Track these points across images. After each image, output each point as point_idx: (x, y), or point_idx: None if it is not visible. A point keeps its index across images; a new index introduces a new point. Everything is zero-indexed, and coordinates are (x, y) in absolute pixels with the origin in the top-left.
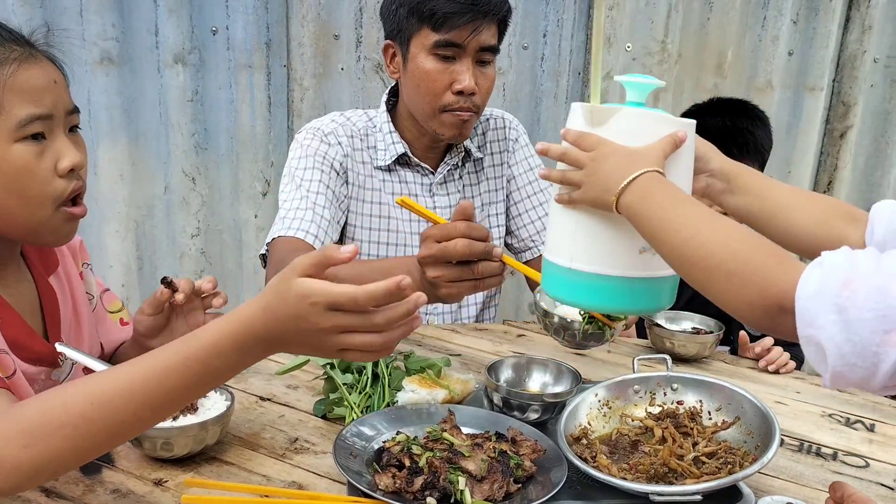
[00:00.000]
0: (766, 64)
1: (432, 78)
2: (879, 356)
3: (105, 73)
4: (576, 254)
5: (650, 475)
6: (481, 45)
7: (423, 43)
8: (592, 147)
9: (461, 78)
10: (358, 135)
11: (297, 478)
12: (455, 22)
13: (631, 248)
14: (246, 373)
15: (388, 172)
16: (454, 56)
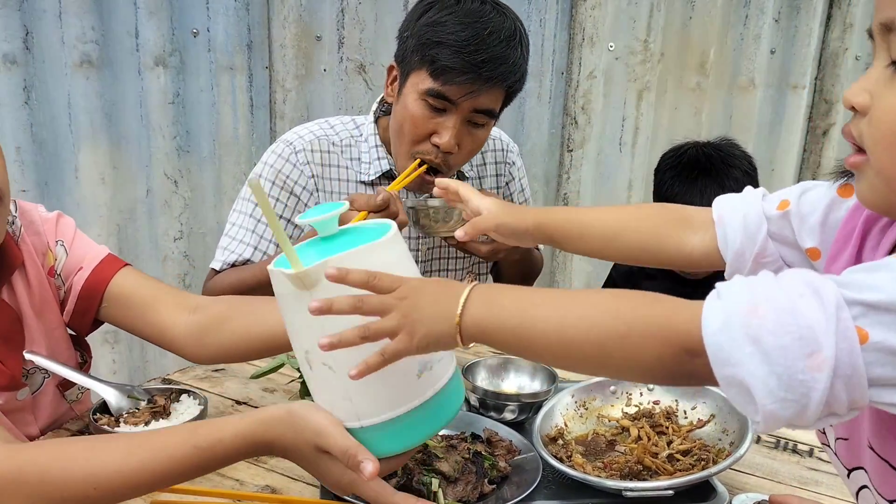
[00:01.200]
0: (749, 62)
1: (415, 123)
2: (808, 384)
3: (85, 76)
4: (361, 411)
5: (624, 473)
6: (476, 108)
7: (417, 84)
8: (393, 285)
9: (442, 133)
10: (339, 146)
11: (270, 481)
12: (453, 78)
13: (410, 376)
14: (222, 376)
15: (373, 187)
16: (444, 108)
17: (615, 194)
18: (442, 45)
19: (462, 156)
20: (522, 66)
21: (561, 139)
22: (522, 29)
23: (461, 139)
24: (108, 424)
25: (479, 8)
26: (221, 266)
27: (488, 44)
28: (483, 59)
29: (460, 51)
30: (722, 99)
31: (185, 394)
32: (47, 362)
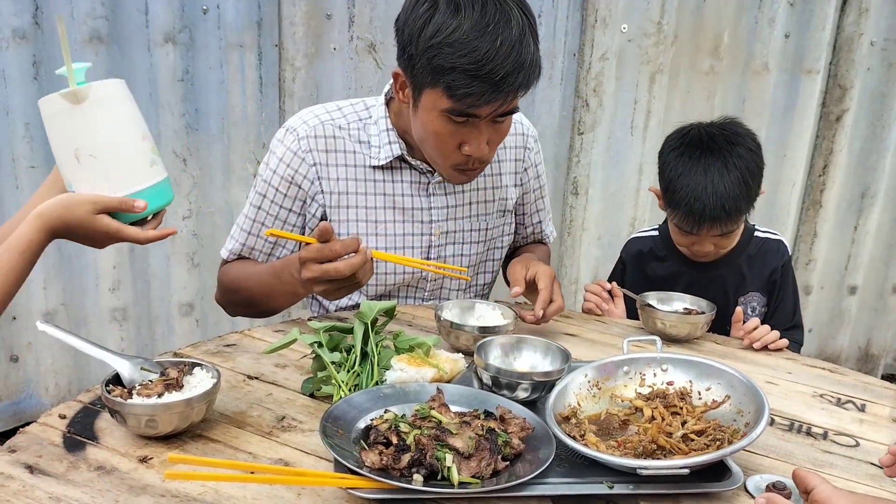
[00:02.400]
0: (763, 46)
1: (442, 139)
2: None
3: (94, 52)
4: (117, 188)
5: (638, 452)
6: (499, 114)
7: (435, 102)
8: None
9: (472, 143)
10: (347, 129)
11: (283, 455)
12: (475, 101)
13: (146, 165)
14: (233, 351)
15: (383, 171)
16: (468, 120)
17: (625, 178)
18: (456, 71)
19: (494, 150)
20: (537, 57)
21: (572, 122)
22: (528, 16)
23: (490, 137)
24: (121, 396)
25: (481, 15)
26: (226, 255)
27: (501, 56)
28: (501, 76)
29: (476, 74)
30: (735, 83)
31: (197, 367)
32: (61, 333)
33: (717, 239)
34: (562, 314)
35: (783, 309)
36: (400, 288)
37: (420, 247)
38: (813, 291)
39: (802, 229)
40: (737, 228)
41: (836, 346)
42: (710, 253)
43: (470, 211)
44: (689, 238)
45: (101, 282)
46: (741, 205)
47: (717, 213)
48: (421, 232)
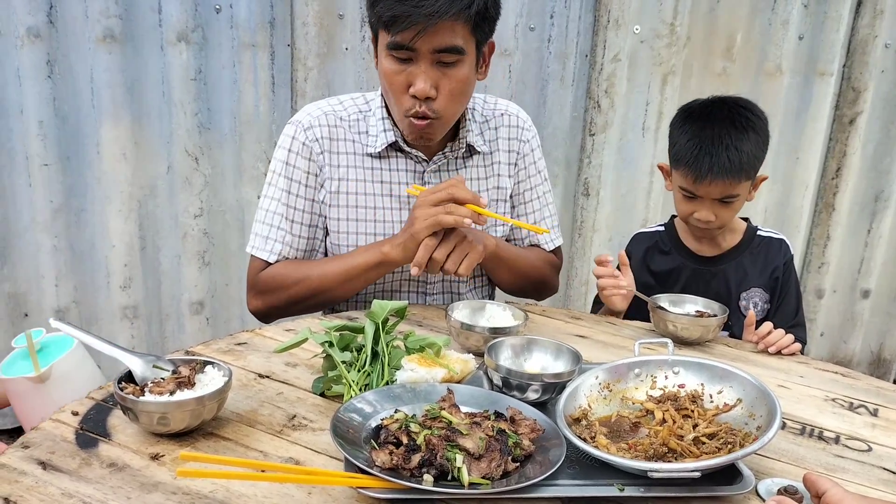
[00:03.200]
0: (776, 48)
1: (390, 80)
2: None
3: (108, 51)
4: None
5: (649, 454)
6: (435, 48)
7: (383, 43)
8: None
9: (415, 82)
10: (346, 121)
11: (294, 454)
12: (399, 24)
13: None
14: (244, 350)
15: (379, 159)
16: (410, 58)
17: (636, 179)
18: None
19: (446, 99)
20: None
21: (583, 123)
22: None
23: (436, 82)
24: (133, 393)
25: None
26: (271, 258)
27: None
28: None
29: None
30: (748, 85)
31: (209, 365)
32: (74, 330)
33: (718, 207)
34: (572, 316)
35: (786, 306)
36: (402, 283)
37: None
38: (825, 295)
39: (815, 232)
40: (739, 197)
41: (849, 350)
42: (711, 224)
43: None
44: (692, 204)
45: (113, 279)
46: (745, 160)
47: (723, 161)
48: None
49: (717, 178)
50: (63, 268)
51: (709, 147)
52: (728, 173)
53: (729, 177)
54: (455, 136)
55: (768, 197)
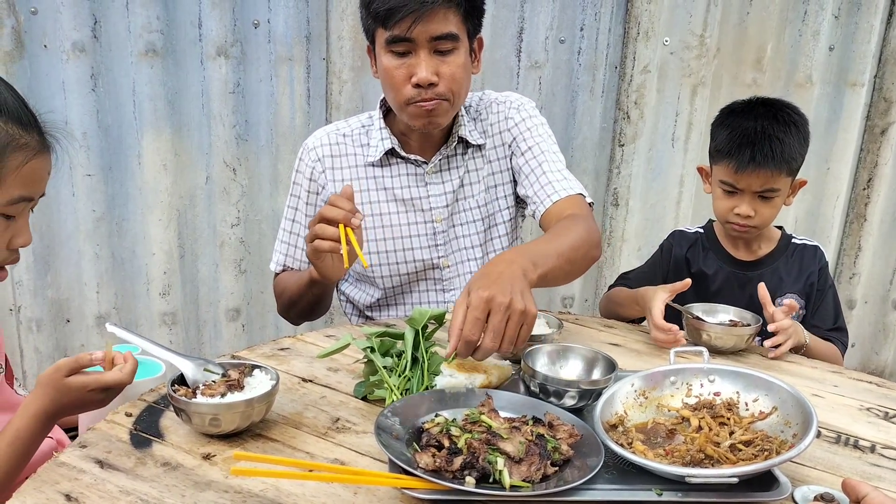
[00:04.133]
0: (807, 59)
1: (391, 74)
2: None
3: (150, 65)
4: None
5: (687, 461)
6: (432, 35)
7: (380, 41)
8: None
9: (416, 71)
10: (349, 136)
11: (339, 455)
12: (395, 16)
13: None
14: (287, 355)
15: (381, 167)
16: (409, 50)
17: (666, 190)
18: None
19: (448, 83)
20: None
21: (612, 133)
22: None
23: (436, 69)
24: (186, 395)
25: None
26: (274, 268)
27: None
28: None
29: None
30: (778, 95)
31: (257, 368)
32: (129, 335)
33: (758, 202)
34: (605, 324)
35: (824, 309)
36: (411, 277)
37: (425, 234)
38: (857, 306)
39: (846, 242)
40: (779, 193)
41: (881, 361)
42: (750, 220)
43: (464, 193)
44: (732, 199)
45: (153, 287)
46: (787, 152)
47: (766, 151)
48: (423, 220)
49: (760, 168)
50: (104, 275)
51: (752, 137)
52: (771, 162)
53: (771, 167)
54: (450, 134)
55: (799, 206)
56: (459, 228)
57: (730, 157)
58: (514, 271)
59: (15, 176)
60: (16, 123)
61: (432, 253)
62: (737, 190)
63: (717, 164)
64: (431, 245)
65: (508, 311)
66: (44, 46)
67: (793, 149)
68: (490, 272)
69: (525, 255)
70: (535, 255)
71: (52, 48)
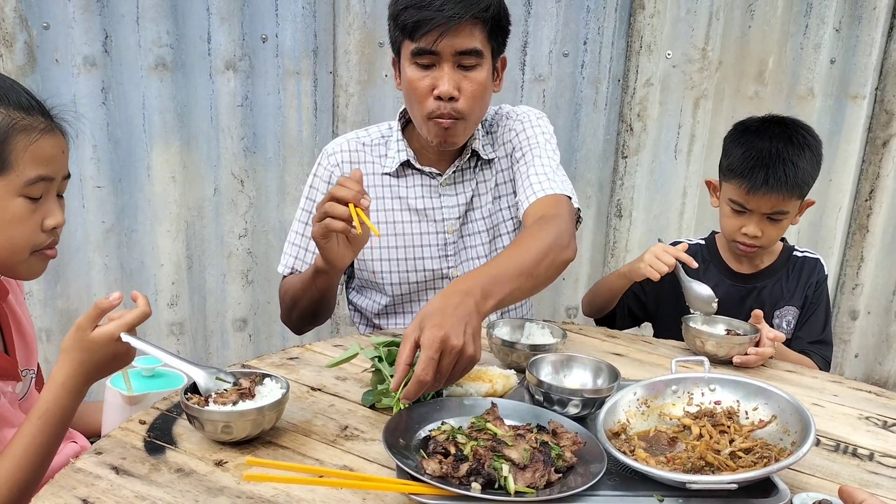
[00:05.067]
0: (808, 72)
1: (414, 86)
2: None
3: (159, 79)
4: None
5: (687, 468)
6: (457, 50)
7: (406, 53)
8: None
9: (439, 84)
10: (368, 146)
11: (348, 462)
12: (422, 29)
13: None
14: (296, 364)
15: (396, 178)
16: (433, 63)
17: (669, 201)
18: (406, 10)
19: (468, 100)
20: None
21: (616, 145)
22: None
23: (458, 84)
24: (199, 404)
25: None
26: (282, 270)
27: None
28: (440, 2)
29: (418, 4)
30: (780, 108)
31: (268, 377)
32: (143, 344)
33: (765, 223)
34: (608, 335)
35: (814, 321)
36: (420, 285)
37: (437, 244)
38: (860, 316)
39: (849, 253)
40: (787, 215)
41: (884, 372)
42: (757, 241)
43: (474, 205)
44: (740, 219)
45: (160, 297)
46: (801, 176)
47: (779, 174)
48: (436, 230)
49: (771, 192)
50: (113, 285)
51: (766, 159)
52: (783, 187)
53: (783, 191)
54: (465, 148)
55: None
56: (468, 239)
57: (742, 177)
58: (468, 306)
59: (25, 157)
60: (17, 109)
61: (442, 263)
62: (746, 210)
63: (727, 181)
64: (442, 255)
65: (458, 356)
66: (55, 61)
67: (805, 173)
68: (445, 307)
69: (480, 284)
70: (492, 281)
71: (63, 62)
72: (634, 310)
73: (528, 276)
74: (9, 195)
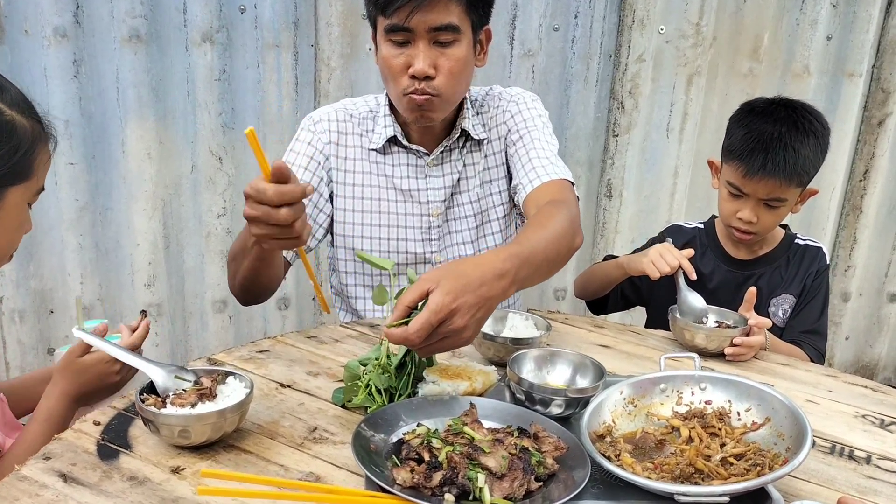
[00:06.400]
0: (804, 48)
1: (389, 63)
2: None
3: (133, 52)
4: None
5: (676, 475)
6: (431, 26)
7: (381, 30)
8: None
9: (413, 62)
10: (356, 118)
11: (315, 468)
12: (394, 4)
13: None
14: (266, 358)
15: (382, 154)
16: (408, 40)
17: (660, 181)
18: None
19: (445, 78)
20: None
21: (606, 123)
22: None
23: (435, 61)
24: (155, 405)
25: None
26: None
27: None
28: None
29: None
30: (775, 85)
31: (231, 376)
32: (96, 340)
33: (761, 209)
34: (595, 324)
35: (809, 311)
36: (401, 268)
37: (420, 227)
38: (851, 298)
39: (842, 235)
40: (785, 203)
41: (874, 355)
42: (752, 227)
43: (460, 187)
44: (736, 203)
45: (137, 277)
46: (801, 164)
47: (778, 160)
48: (420, 212)
49: (768, 177)
50: (88, 265)
51: (766, 143)
52: (781, 173)
53: (781, 177)
54: (454, 126)
55: None
56: (453, 223)
57: (740, 159)
58: (494, 290)
59: (42, 167)
60: (38, 121)
61: (426, 247)
62: (742, 194)
63: (727, 163)
64: (426, 239)
65: (454, 336)
66: (25, 32)
67: (807, 161)
68: (471, 278)
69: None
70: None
71: (33, 34)
72: (629, 294)
73: (549, 261)
74: (24, 202)
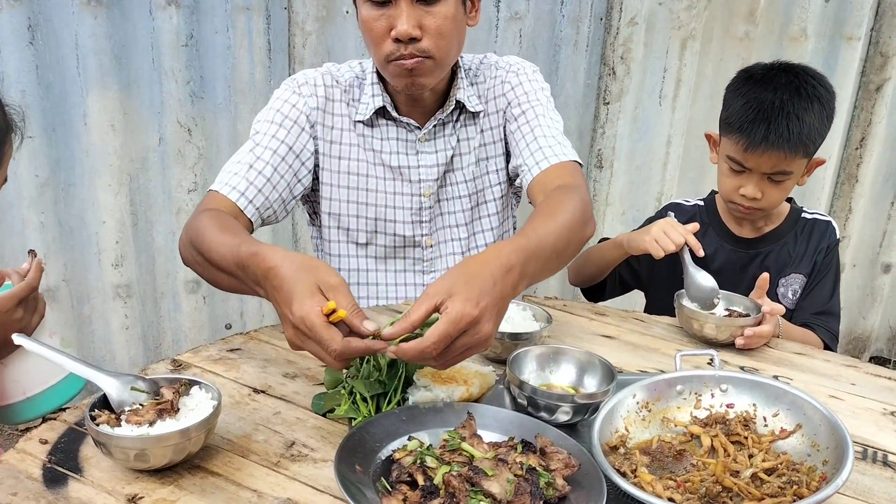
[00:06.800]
0: (801, 11)
1: (369, 26)
2: None
3: (93, 16)
4: None
5: (701, 494)
6: None
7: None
8: None
9: (396, 23)
10: (342, 85)
11: (293, 493)
12: None
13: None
14: (238, 358)
15: (370, 127)
16: (388, 1)
17: (653, 151)
18: None
19: (434, 38)
20: None
21: (597, 91)
22: None
23: (420, 21)
24: (109, 423)
25: None
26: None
27: None
28: None
29: None
30: (771, 50)
31: (195, 385)
32: (39, 347)
33: (766, 184)
34: (596, 311)
35: (820, 291)
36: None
37: (410, 207)
38: (845, 269)
39: (836, 205)
40: (791, 175)
41: (867, 326)
42: (756, 203)
43: (454, 165)
44: (738, 179)
45: (104, 257)
46: (806, 132)
47: (781, 130)
48: (410, 192)
49: (772, 149)
50: (52, 245)
51: (767, 113)
52: (785, 144)
53: (785, 148)
54: (447, 98)
55: None
56: (446, 204)
57: (741, 132)
58: (506, 287)
59: (7, 160)
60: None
61: (415, 229)
62: (744, 169)
63: (726, 136)
64: (416, 220)
65: (477, 346)
66: None
67: (812, 129)
68: (483, 281)
69: (522, 261)
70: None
71: None
72: (626, 278)
73: (558, 253)
74: None
